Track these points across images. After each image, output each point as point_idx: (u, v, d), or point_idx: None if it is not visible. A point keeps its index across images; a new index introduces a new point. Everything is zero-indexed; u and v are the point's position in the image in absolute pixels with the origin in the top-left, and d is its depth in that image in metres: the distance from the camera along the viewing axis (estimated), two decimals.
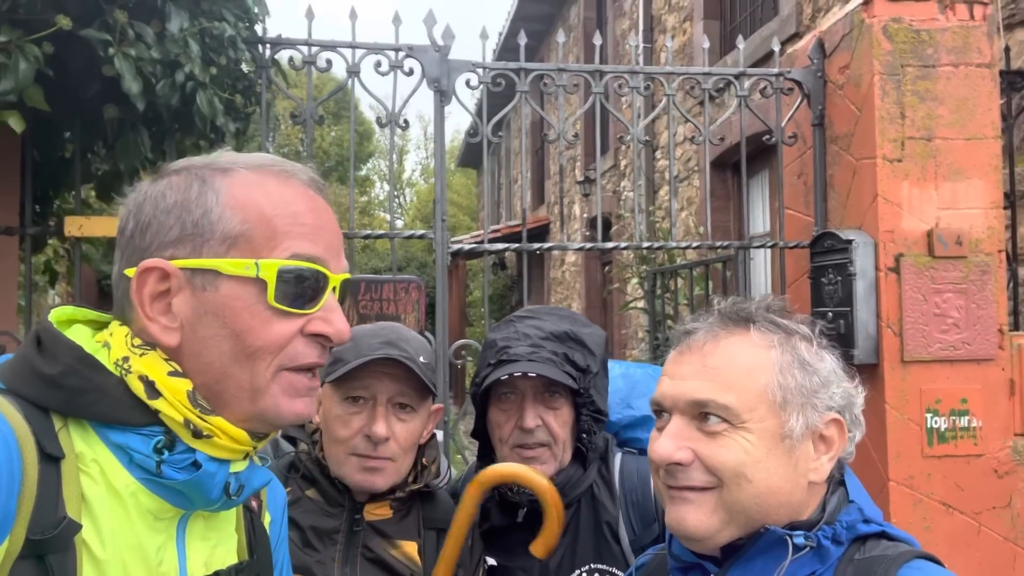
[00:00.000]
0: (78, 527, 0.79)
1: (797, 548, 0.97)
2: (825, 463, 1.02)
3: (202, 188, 0.90)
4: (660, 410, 1.07)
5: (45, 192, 3.14)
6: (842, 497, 1.04)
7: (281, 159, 0.96)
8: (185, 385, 0.87)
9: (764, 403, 1.00)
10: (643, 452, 1.71)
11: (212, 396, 0.89)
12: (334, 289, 0.93)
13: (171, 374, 0.87)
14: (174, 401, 0.86)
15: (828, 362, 1.05)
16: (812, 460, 1.02)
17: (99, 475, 0.83)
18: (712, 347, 1.04)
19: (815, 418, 1.01)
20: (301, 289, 0.89)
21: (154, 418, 0.86)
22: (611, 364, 1.69)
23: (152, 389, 0.85)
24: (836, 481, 1.06)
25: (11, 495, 0.75)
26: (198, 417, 0.86)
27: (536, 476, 1.20)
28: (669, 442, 1.02)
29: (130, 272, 0.88)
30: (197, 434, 0.86)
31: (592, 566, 1.57)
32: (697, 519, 1.00)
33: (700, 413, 1.01)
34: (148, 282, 0.88)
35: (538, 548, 1.14)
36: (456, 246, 3.07)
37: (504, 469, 1.20)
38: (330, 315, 0.91)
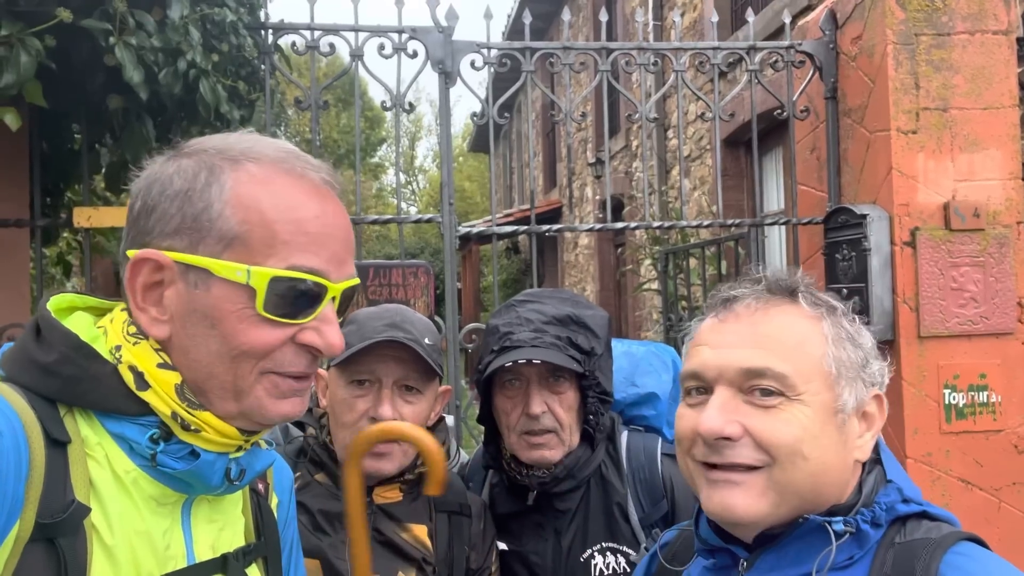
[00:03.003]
0: (87, 510, 0.80)
1: (838, 535, 0.91)
2: (868, 439, 0.98)
3: (208, 179, 0.86)
4: (697, 385, 0.99)
5: (56, 184, 3.16)
6: (879, 477, 0.98)
7: (297, 152, 0.91)
8: (174, 378, 0.85)
9: (819, 375, 0.94)
10: (649, 429, 1.70)
11: (199, 392, 0.87)
12: (333, 299, 0.89)
13: (160, 366, 0.86)
14: (162, 394, 0.85)
15: (867, 337, 1.01)
16: (857, 437, 0.97)
17: (104, 460, 0.84)
18: (763, 315, 0.97)
19: (864, 393, 0.97)
20: (294, 300, 0.86)
21: (147, 408, 0.85)
22: (613, 343, 1.67)
23: (141, 380, 0.85)
24: (872, 460, 1.00)
25: (19, 479, 0.76)
26: (186, 411, 0.85)
27: (407, 427, 1.18)
28: (717, 415, 0.93)
29: (131, 254, 0.87)
30: (185, 427, 0.86)
31: (603, 545, 1.57)
32: (746, 503, 0.92)
33: (749, 386, 0.94)
34: (142, 272, 0.87)
35: (430, 488, 1.14)
36: (464, 230, 3.05)
37: (373, 429, 1.17)
38: (323, 326, 0.88)
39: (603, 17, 3.21)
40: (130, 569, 0.82)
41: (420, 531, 1.47)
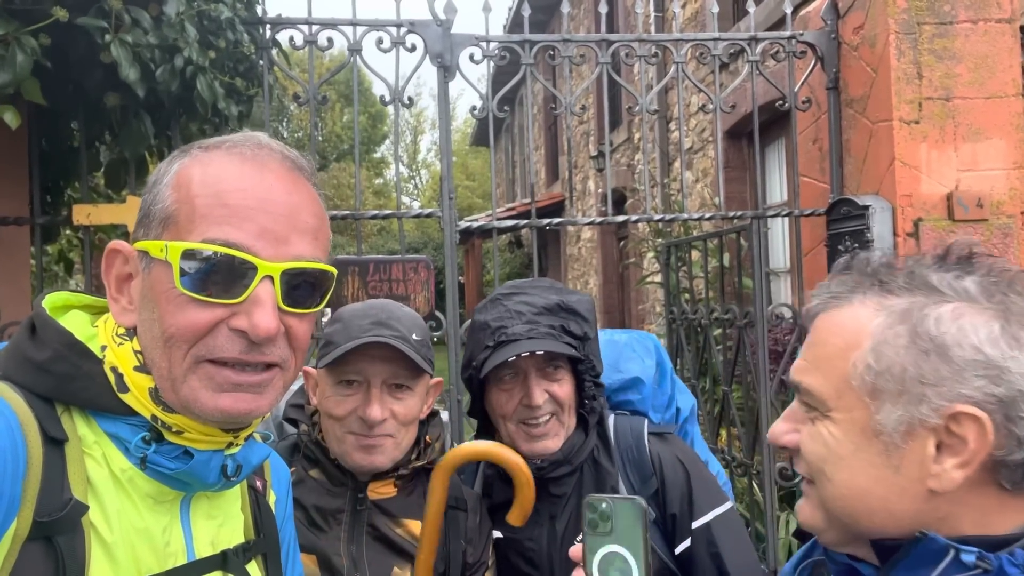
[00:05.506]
0: (84, 508, 0.80)
1: (963, 566, 0.78)
2: (949, 469, 0.79)
3: (166, 169, 0.88)
4: None
5: (55, 182, 3.16)
6: None
7: (262, 140, 0.90)
8: (147, 382, 0.85)
9: (850, 389, 0.83)
10: (635, 413, 1.72)
11: (161, 388, 0.85)
12: (270, 279, 0.84)
13: (136, 369, 0.85)
14: (140, 397, 0.85)
15: (973, 341, 0.78)
16: (932, 464, 0.80)
17: (102, 459, 0.84)
18: (821, 319, 0.89)
19: (924, 411, 0.79)
20: (212, 275, 0.82)
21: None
22: None
23: (121, 382, 0.85)
24: None
25: (17, 478, 0.76)
26: (162, 414, 0.85)
27: (505, 451, 1.17)
28: (781, 423, 0.92)
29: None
30: (167, 429, 0.85)
31: None
32: (804, 513, 0.91)
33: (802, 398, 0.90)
34: (115, 264, 0.89)
35: (514, 517, 1.13)
36: (464, 224, 3.04)
37: (470, 448, 1.17)
38: (252, 308, 0.83)
39: (603, 9, 3.19)
40: (130, 566, 0.82)
41: (415, 526, 1.46)
